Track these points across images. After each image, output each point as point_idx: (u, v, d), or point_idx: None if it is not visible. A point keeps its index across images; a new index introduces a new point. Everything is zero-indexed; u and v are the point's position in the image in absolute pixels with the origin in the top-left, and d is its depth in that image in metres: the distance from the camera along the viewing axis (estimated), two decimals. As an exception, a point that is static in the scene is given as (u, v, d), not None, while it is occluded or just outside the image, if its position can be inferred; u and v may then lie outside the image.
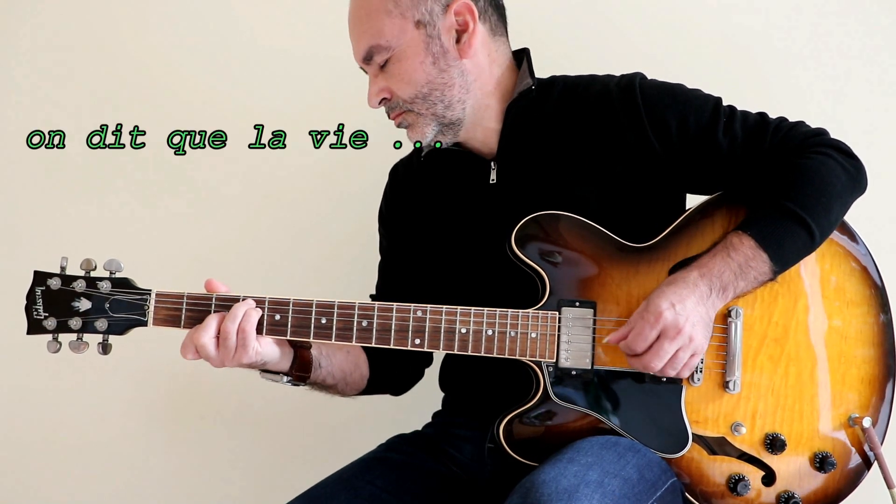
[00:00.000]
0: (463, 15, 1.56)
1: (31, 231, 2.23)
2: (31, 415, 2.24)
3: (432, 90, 1.55)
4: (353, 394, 1.69)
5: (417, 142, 1.59)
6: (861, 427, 1.52)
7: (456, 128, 1.59)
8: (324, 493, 1.54)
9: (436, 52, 1.55)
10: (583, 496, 1.26)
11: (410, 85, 1.55)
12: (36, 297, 1.44)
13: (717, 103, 1.56)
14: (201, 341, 1.42)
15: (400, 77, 1.55)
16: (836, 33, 2.00)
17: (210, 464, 2.22)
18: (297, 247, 2.17)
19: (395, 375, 1.74)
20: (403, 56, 1.54)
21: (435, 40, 1.54)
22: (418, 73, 1.54)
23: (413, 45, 1.53)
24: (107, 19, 2.24)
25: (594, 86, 1.60)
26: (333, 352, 1.61)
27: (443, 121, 1.57)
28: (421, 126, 1.57)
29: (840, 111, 1.97)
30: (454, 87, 1.56)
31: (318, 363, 1.56)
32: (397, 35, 1.53)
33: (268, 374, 1.52)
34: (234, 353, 1.43)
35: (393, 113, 1.59)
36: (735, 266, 1.44)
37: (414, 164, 1.75)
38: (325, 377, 1.59)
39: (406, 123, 1.59)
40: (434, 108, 1.56)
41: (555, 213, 1.52)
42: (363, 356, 1.68)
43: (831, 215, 1.48)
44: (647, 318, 1.41)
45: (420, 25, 1.54)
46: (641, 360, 1.42)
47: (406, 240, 1.72)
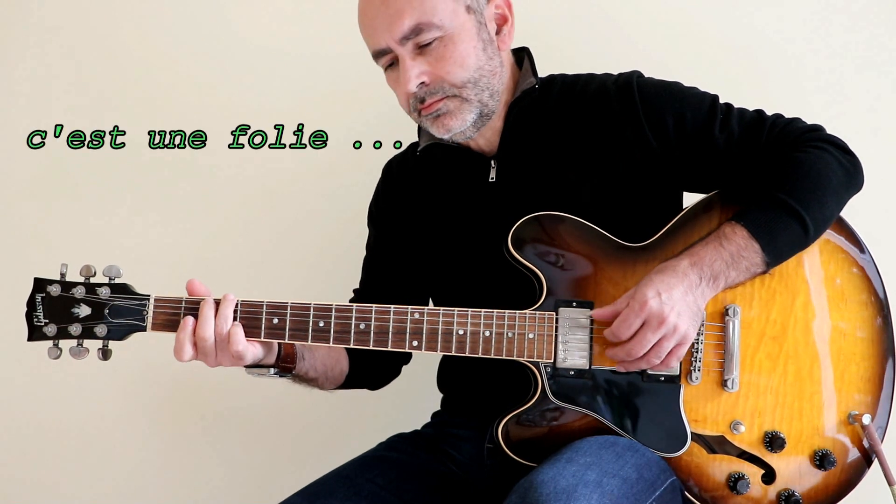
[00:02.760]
0: (502, 8, 1.57)
1: (30, 237, 2.24)
2: (31, 417, 2.26)
3: (481, 76, 1.53)
4: (331, 388, 1.70)
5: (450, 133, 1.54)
6: (861, 424, 1.51)
7: (486, 119, 1.57)
8: (323, 490, 1.54)
9: (485, 38, 1.54)
10: (581, 496, 1.27)
11: (464, 69, 1.51)
12: (36, 304, 1.45)
13: (713, 100, 1.56)
14: (204, 335, 1.42)
15: (453, 60, 1.50)
16: (836, 32, 1.99)
17: (210, 464, 2.23)
18: (294, 249, 2.17)
19: (373, 372, 1.75)
20: (458, 39, 1.51)
21: (483, 27, 1.54)
22: (471, 57, 1.52)
23: (466, 28, 1.52)
24: (107, 19, 2.24)
25: (592, 84, 1.60)
26: (315, 346, 1.61)
27: (484, 109, 1.55)
28: (462, 113, 1.53)
29: (839, 111, 1.96)
30: (496, 76, 1.56)
31: (302, 355, 1.57)
32: (450, 17, 1.50)
33: (253, 369, 1.52)
34: (214, 356, 1.43)
35: (432, 98, 1.52)
36: (727, 256, 1.43)
37: (409, 162, 1.75)
38: (308, 370, 1.59)
39: (445, 110, 1.53)
40: (481, 95, 1.54)
41: (551, 214, 1.52)
42: (343, 352, 1.69)
43: (826, 210, 1.48)
44: (632, 306, 1.41)
45: (470, 10, 1.52)
46: (625, 348, 1.42)
47: (398, 237, 1.72)
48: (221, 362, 1.45)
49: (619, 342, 1.43)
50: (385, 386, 1.80)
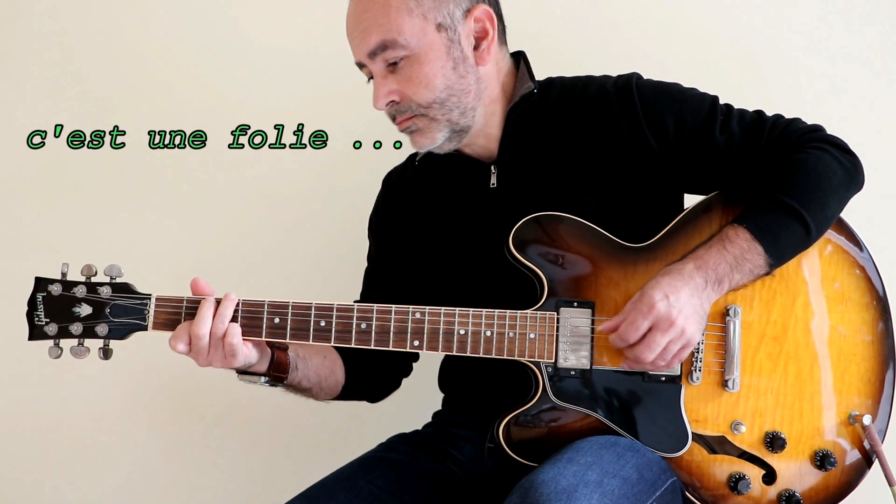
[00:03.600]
0: (483, 22, 1.54)
1: (30, 237, 2.23)
2: (32, 417, 2.25)
3: (450, 96, 1.52)
4: (326, 398, 1.68)
5: (421, 149, 1.56)
6: (861, 425, 1.51)
7: (463, 135, 1.57)
8: (323, 493, 1.54)
9: (456, 57, 1.52)
10: (582, 496, 1.27)
11: (429, 89, 1.51)
12: (37, 303, 1.45)
13: (713, 101, 1.56)
14: (199, 332, 1.41)
15: (418, 81, 1.50)
16: (836, 31, 1.99)
17: (210, 464, 2.22)
18: (295, 249, 2.17)
19: (370, 383, 1.73)
20: (424, 59, 1.50)
21: (455, 45, 1.52)
22: (438, 77, 1.51)
23: (434, 48, 1.50)
24: (107, 19, 2.24)
25: (591, 87, 1.60)
26: (310, 356, 1.60)
27: (455, 127, 1.55)
28: (432, 132, 1.54)
29: (839, 111, 1.96)
30: (470, 94, 1.54)
31: (295, 365, 1.55)
32: (418, 36, 1.49)
33: (245, 376, 1.52)
34: (206, 355, 1.43)
35: (402, 117, 1.54)
36: (730, 258, 1.44)
37: (409, 173, 1.74)
38: (301, 380, 1.58)
39: (415, 128, 1.54)
40: (450, 115, 1.53)
41: (552, 214, 1.52)
42: (339, 362, 1.67)
43: (827, 210, 1.48)
44: (639, 309, 1.41)
45: (441, 29, 1.51)
46: (633, 351, 1.42)
47: (400, 247, 1.71)
48: (212, 362, 1.44)
49: (627, 346, 1.43)
50: (384, 399, 1.78)
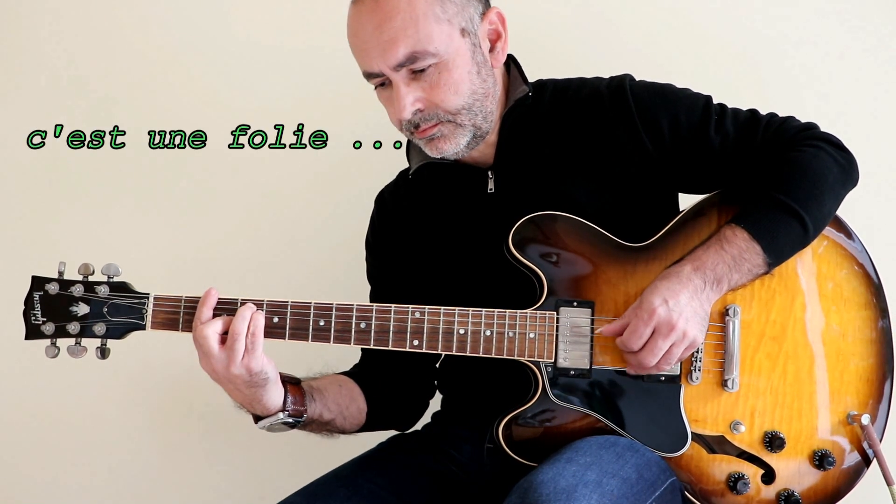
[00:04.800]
0: (496, 24, 1.53)
1: (30, 237, 2.23)
2: (29, 416, 2.24)
3: (475, 101, 1.50)
4: (354, 429, 1.65)
5: (442, 155, 1.53)
6: (860, 424, 1.51)
7: (481, 139, 1.55)
8: (322, 490, 1.54)
9: (479, 61, 1.51)
10: (581, 496, 1.27)
11: (458, 95, 1.48)
12: (34, 302, 1.44)
13: (707, 101, 1.56)
14: (205, 332, 1.40)
15: (447, 87, 1.47)
16: (836, 31, 1.99)
17: (209, 464, 2.22)
18: (295, 249, 2.17)
19: (395, 407, 1.70)
20: (452, 65, 1.47)
21: (477, 49, 1.51)
22: (465, 82, 1.48)
23: (461, 53, 1.48)
24: (107, 19, 2.24)
25: (584, 89, 1.59)
26: (325, 385, 1.59)
27: (478, 132, 1.53)
28: (457, 137, 1.51)
29: (839, 111, 1.95)
30: (489, 97, 1.53)
31: (311, 395, 1.53)
32: (446, 42, 1.46)
33: (264, 421, 1.50)
34: (241, 357, 1.40)
35: (427, 124, 1.49)
36: (729, 259, 1.44)
37: (401, 189, 1.72)
38: (322, 411, 1.55)
39: (439, 134, 1.51)
40: (475, 119, 1.51)
41: (551, 214, 1.52)
42: (357, 389, 1.65)
43: (824, 208, 1.49)
44: (640, 316, 1.41)
45: (465, 33, 1.49)
46: (637, 357, 1.43)
47: (401, 261, 1.69)
48: (232, 368, 1.40)
49: (630, 352, 1.44)
50: (416, 423, 1.75)
